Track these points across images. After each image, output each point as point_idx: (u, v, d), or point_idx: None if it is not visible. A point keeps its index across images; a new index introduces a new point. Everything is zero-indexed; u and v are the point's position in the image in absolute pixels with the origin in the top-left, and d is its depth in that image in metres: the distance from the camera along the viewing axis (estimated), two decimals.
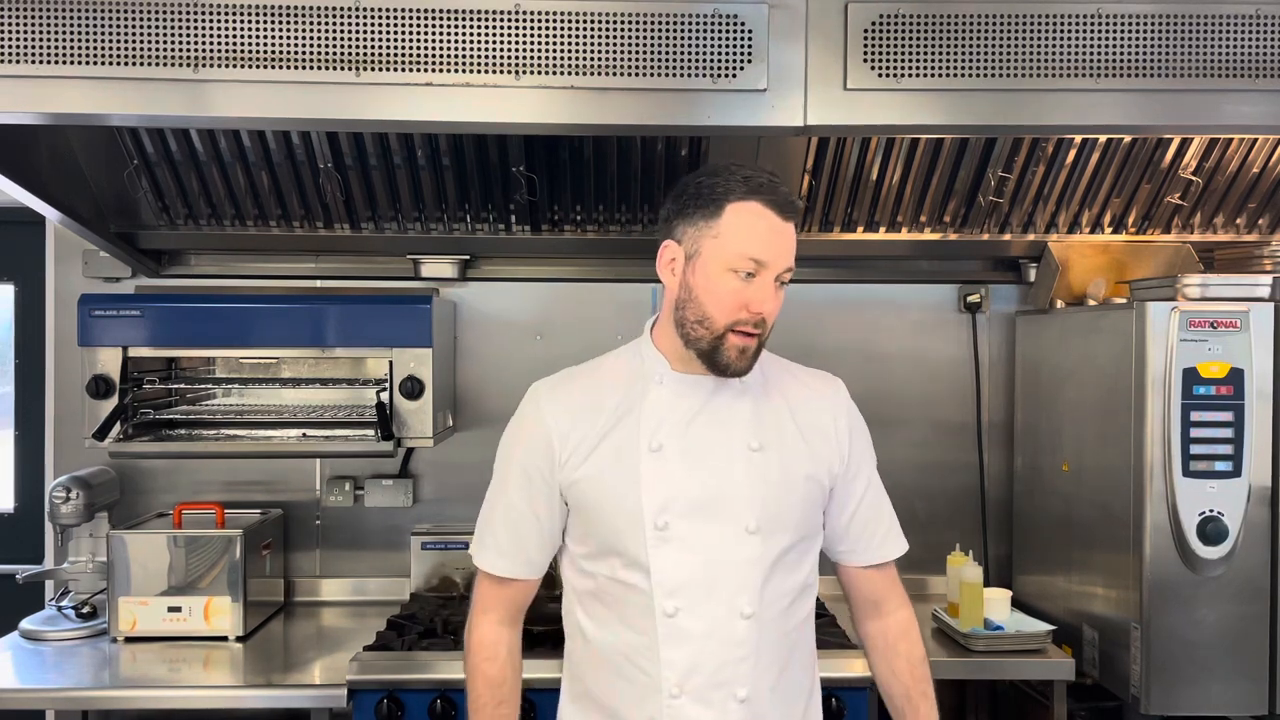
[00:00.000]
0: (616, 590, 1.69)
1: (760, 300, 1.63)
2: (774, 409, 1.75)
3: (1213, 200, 3.03)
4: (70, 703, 2.56)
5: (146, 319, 2.79)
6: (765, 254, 1.63)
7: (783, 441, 1.72)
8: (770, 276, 1.64)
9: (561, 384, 1.81)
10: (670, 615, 1.65)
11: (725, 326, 1.64)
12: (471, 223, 3.04)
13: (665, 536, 1.65)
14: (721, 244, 1.64)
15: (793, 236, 1.67)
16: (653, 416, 1.70)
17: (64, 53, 2.12)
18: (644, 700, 1.67)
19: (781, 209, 1.65)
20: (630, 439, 1.69)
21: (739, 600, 1.66)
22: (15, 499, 3.36)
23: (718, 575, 1.66)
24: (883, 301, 3.28)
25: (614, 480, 1.68)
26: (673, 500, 1.66)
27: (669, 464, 1.67)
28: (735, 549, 1.66)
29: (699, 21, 2.18)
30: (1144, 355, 2.43)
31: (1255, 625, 2.44)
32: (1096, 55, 2.22)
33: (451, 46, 2.16)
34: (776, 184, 1.66)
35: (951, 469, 3.28)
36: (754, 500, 1.67)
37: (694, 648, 1.65)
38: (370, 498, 3.21)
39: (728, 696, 1.66)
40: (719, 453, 1.69)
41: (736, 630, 1.66)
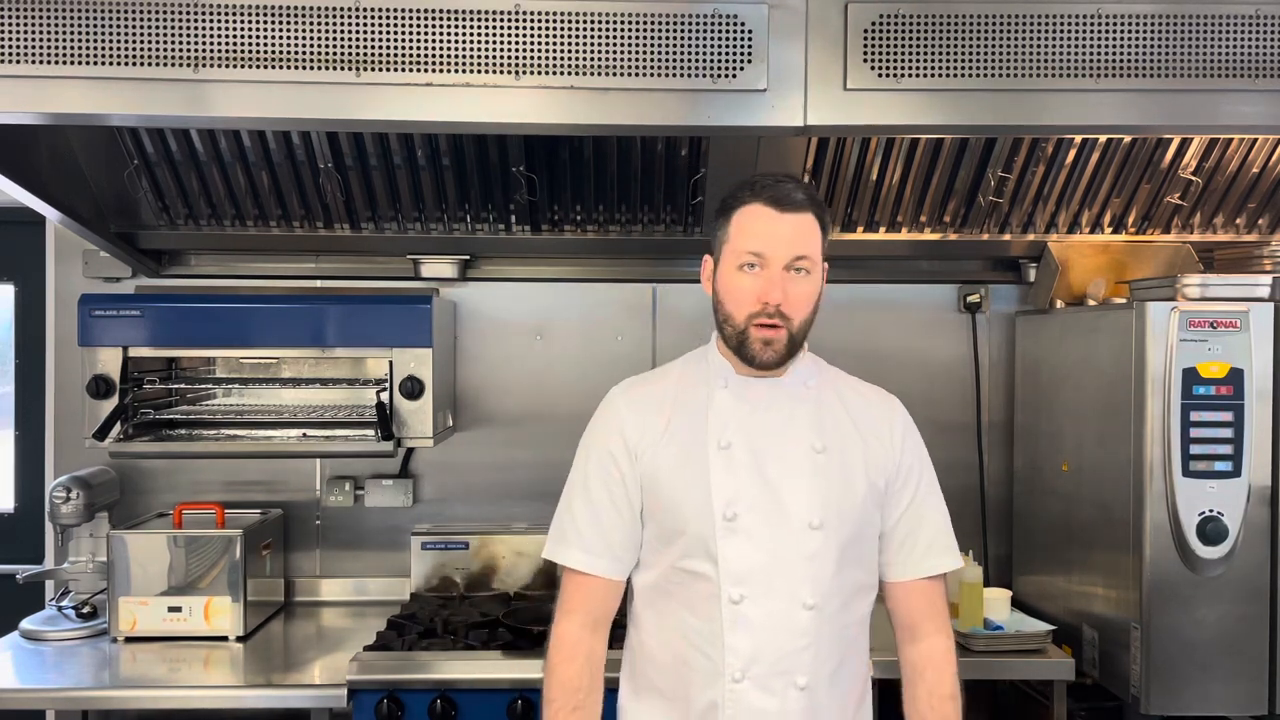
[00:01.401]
0: (683, 579, 1.75)
1: (766, 290, 1.70)
2: (834, 413, 1.82)
3: (1212, 200, 3.03)
4: (70, 703, 2.56)
5: (146, 319, 2.79)
6: (762, 246, 1.71)
7: (844, 444, 1.79)
8: (775, 267, 1.71)
9: (635, 385, 1.88)
10: (735, 602, 1.70)
11: (745, 320, 1.73)
12: (471, 223, 3.05)
13: (733, 528, 1.71)
14: (731, 246, 1.75)
15: (797, 226, 1.72)
16: (720, 416, 1.78)
17: (64, 53, 2.12)
18: (708, 685, 1.71)
19: (778, 203, 1.72)
20: (699, 437, 1.77)
21: (802, 591, 1.71)
22: (15, 499, 3.36)
23: (782, 567, 1.71)
24: (883, 301, 3.27)
25: (685, 474, 1.75)
26: (740, 494, 1.73)
27: (737, 461, 1.75)
28: (799, 543, 1.72)
29: (699, 21, 2.18)
30: (1144, 355, 2.43)
31: (1255, 625, 2.44)
32: (1096, 55, 2.22)
33: (451, 46, 2.16)
34: (782, 183, 1.74)
35: (951, 469, 3.26)
36: (816, 498, 1.74)
37: (757, 635, 1.70)
38: (370, 498, 3.21)
39: (789, 684, 1.70)
40: (784, 452, 1.76)
41: (799, 620, 1.71)
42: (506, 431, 3.20)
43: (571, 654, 1.77)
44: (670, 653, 1.76)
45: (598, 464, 1.81)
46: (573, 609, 1.80)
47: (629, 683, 1.86)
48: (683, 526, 1.74)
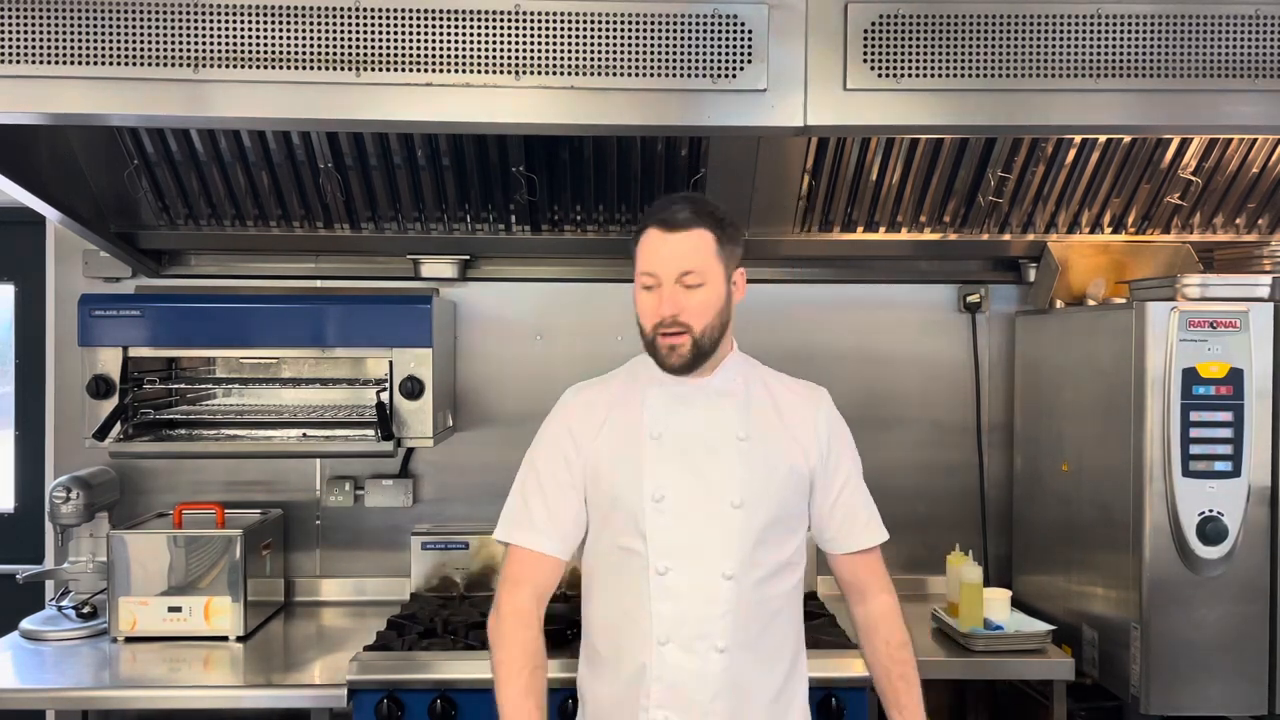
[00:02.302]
0: (619, 555, 1.93)
1: (659, 305, 1.88)
2: (760, 406, 1.98)
3: (1212, 200, 3.03)
4: (70, 703, 2.56)
5: (146, 319, 2.79)
6: (652, 266, 1.88)
7: (767, 433, 1.96)
8: (667, 283, 1.87)
9: (584, 389, 2.07)
10: (661, 574, 1.88)
11: (651, 331, 1.91)
12: (471, 223, 3.05)
13: (661, 508, 1.90)
14: (636, 269, 1.93)
15: (684, 244, 1.87)
16: (653, 411, 1.96)
17: (64, 53, 2.12)
18: (639, 649, 1.90)
19: (665, 225, 1.88)
20: (634, 429, 1.95)
21: (722, 564, 1.89)
22: (15, 499, 3.36)
23: (704, 542, 1.89)
24: (883, 301, 3.28)
25: (622, 461, 1.94)
26: (669, 479, 1.91)
27: (667, 449, 1.93)
28: (721, 520, 1.90)
29: (699, 21, 2.18)
30: (1143, 355, 2.44)
31: (1255, 625, 2.44)
32: (1096, 55, 2.22)
33: (451, 46, 2.16)
34: (673, 205, 1.90)
35: (951, 469, 3.28)
36: (738, 480, 1.91)
37: (680, 603, 1.88)
38: (370, 498, 3.21)
39: (709, 647, 1.88)
40: (709, 441, 1.94)
41: (718, 590, 1.88)
42: (506, 431, 3.19)
43: (528, 621, 1.92)
44: (609, 621, 1.96)
45: (546, 455, 2.00)
46: (520, 580, 1.95)
47: (584, 654, 2.04)
48: (618, 507, 1.93)
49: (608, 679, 1.95)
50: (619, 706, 1.92)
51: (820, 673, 2.46)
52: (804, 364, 3.24)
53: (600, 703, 1.97)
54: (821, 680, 2.45)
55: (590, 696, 1.99)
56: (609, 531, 1.95)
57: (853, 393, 3.31)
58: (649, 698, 1.88)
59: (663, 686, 1.87)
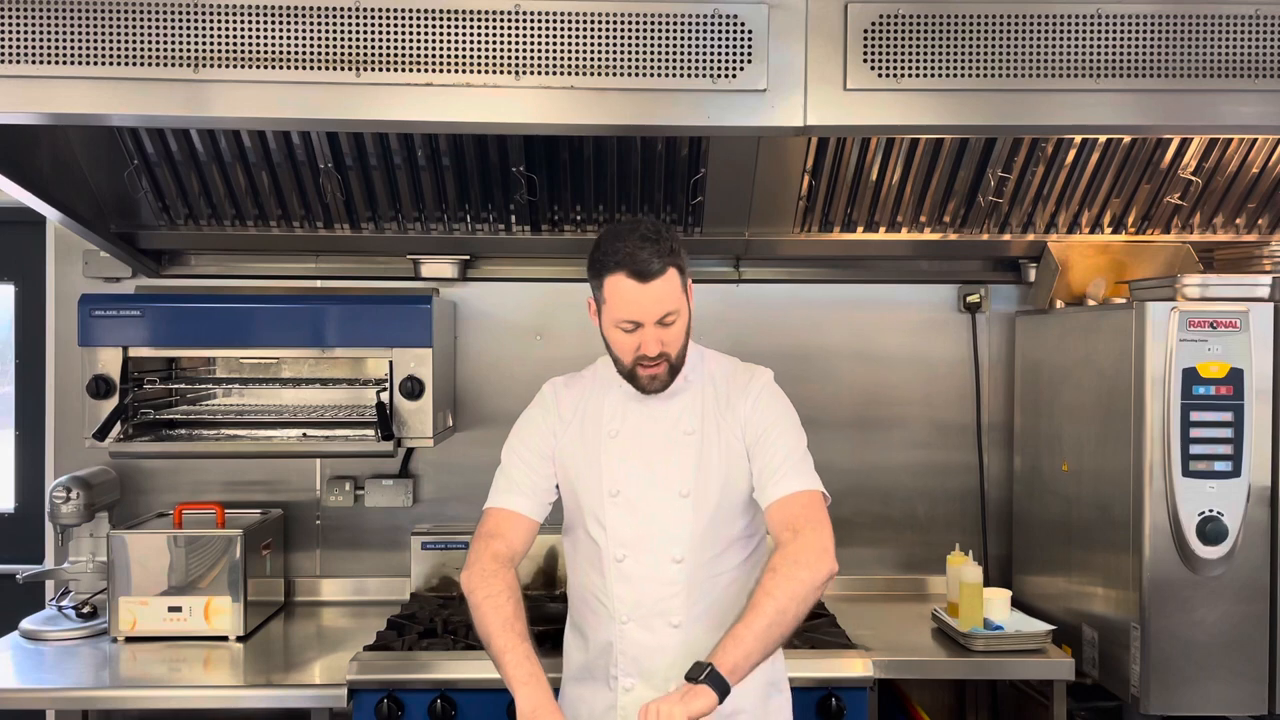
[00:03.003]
0: (585, 542, 2.11)
1: (644, 346, 1.98)
2: (705, 400, 2.11)
3: (1212, 200, 3.03)
4: (70, 703, 2.56)
5: (146, 319, 2.79)
6: (635, 314, 1.97)
7: (709, 426, 2.09)
8: (649, 325, 1.97)
9: (562, 382, 2.22)
10: (619, 560, 2.05)
11: (631, 364, 2.02)
12: (471, 223, 3.05)
13: (617, 501, 2.06)
14: (607, 309, 2.01)
15: (660, 290, 1.95)
16: (612, 410, 2.12)
17: (64, 53, 2.13)
18: (603, 626, 2.08)
19: (640, 275, 1.94)
20: (595, 426, 2.12)
21: (672, 549, 2.04)
22: (15, 499, 3.36)
23: (655, 531, 2.05)
24: (883, 301, 3.28)
25: (584, 457, 2.11)
26: (625, 474, 2.07)
27: (623, 446, 2.09)
28: (671, 510, 2.05)
29: (699, 21, 2.18)
30: (1144, 355, 2.44)
31: (1255, 625, 2.44)
32: (1096, 55, 2.22)
33: (451, 46, 2.16)
34: (639, 250, 1.93)
35: (951, 469, 3.28)
36: (685, 473, 2.06)
37: (636, 586, 2.05)
38: (370, 498, 3.21)
39: (664, 624, 2.04)
40: (661, 437, 2.09)
41: (668, 572, 2.04)
42: (507, 431, 3.15)
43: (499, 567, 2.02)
44: (581, 599, 2.14)
45: (526, 433, 2.16)
46: (494, 535, 2.07)
47: (569, 618, 2.20)
48: (581, 500, 2.10)
49: (583, 647, 2.13)
50: (593, 672, 2.10)
51: (820, 673, 2.46)
52: (804, 364, 3.27)
53: (577, 665, 2.15)
54: (821, 680, 2.45)
55: (571, 659, 2.18)
56: (578, 517, 2.12)
57: (852, 393, 3.33)
58: (616, 667, 2.06)
59: (627, 659, 2.05)
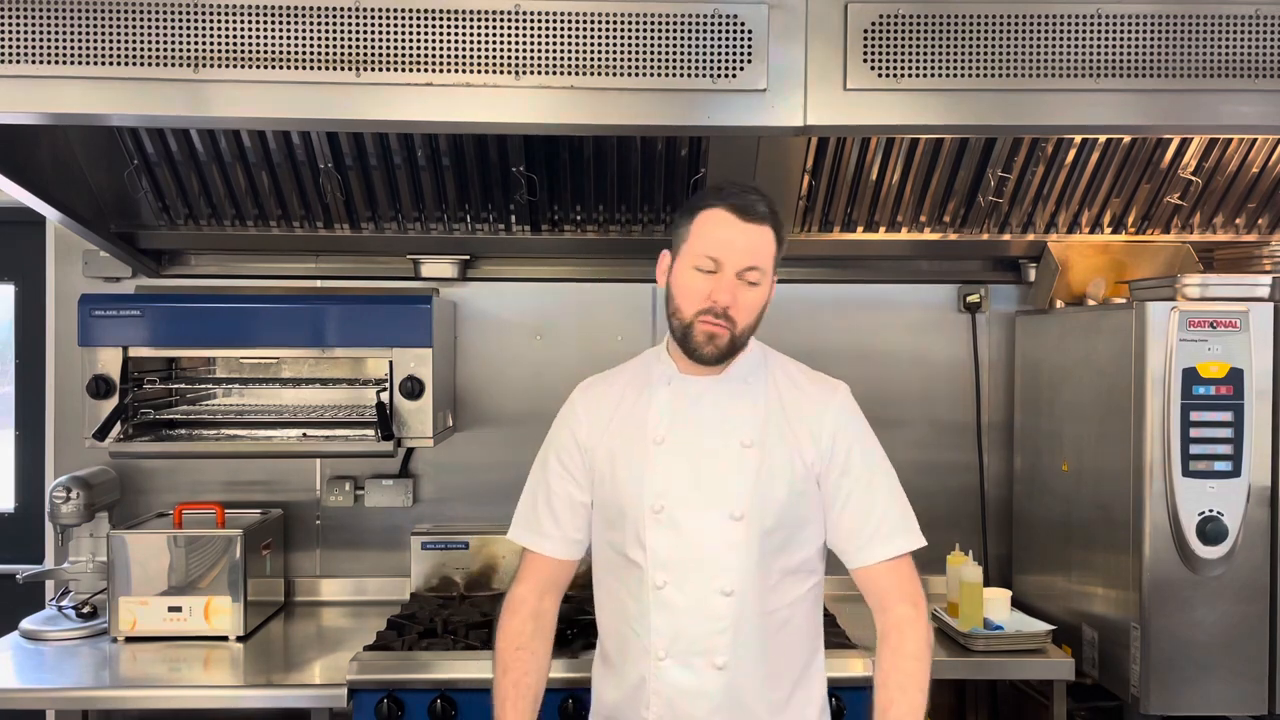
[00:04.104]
0: (621, 563, 1.89)
1: (716, 291, 1.79)
2: (769, 408, 1.89)
3: (1212, 200, 3.03)
4: (70, 703, 2.56)
5: (146, 319, 2.79)
6: (721, 252, 1.79)
7: (773, 439, 1.87)
8: (730, 273, 1.79)
9: (593, 385, 2.02)
10: (659, 588, 1.83)
11: (692, 315, 1.81)
12: (471, 223, 3.05)
13: (660, 519, 1.84)
14: (689, 246, 1.82)
15: (755, 238, 1.80)
16: (659, 412, 1.89)
17: (64, 53, 2.12)
18: (638, 660, 1.86)
19: (743, 212, 1.79)
20: (639, 431, 1.89)
21: (721, 579, 1.82)
22: (15, 499, 3.36)
23: (703, 556, 1.83)
24: (883, 301, 3.28)
25: (624, 468, 1.88)
26: (670, 487, 1.84)
27: (670, 455, 1.86)
28: (721, 533, 1.83)
29: (699, 21, 2.18)
30: (1144, 355, 2.44)
31: (1255, 625, 2.44)
32: (1096, 55, 2.22)
33: (451, 46, 2.16)
34: (747, 193, 1.81)
35: (951, 469, 3.28)
36: (741, 491, 1.83)
37: (678, 618, 1.83)
38: (370, 498, 3.21)
39: (707, 664, 1.82)
40: (714, 447, 1.86)
41: (716, 606, 1.82)
42: (506, 431, 3.20)
43: (517, 609, 1.94)
44: (613, 627, 1.93)
45: (555, 458, 1.97)
46: (525, 578, 1.98)
47: (598, 651, 2.01)
48: (620, 516, 1.88)
49: (614, 683, 1.92)
50: (623, 712, 1.90)
51: None
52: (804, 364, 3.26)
53: (607, 704, 1.95)
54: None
55: (600, 696, 1.99)
56: (613, 536, 1.91)
57: (853, 393, 3.32)
58: (649, 709, 1.85)
59: (661, 701, 1.84)
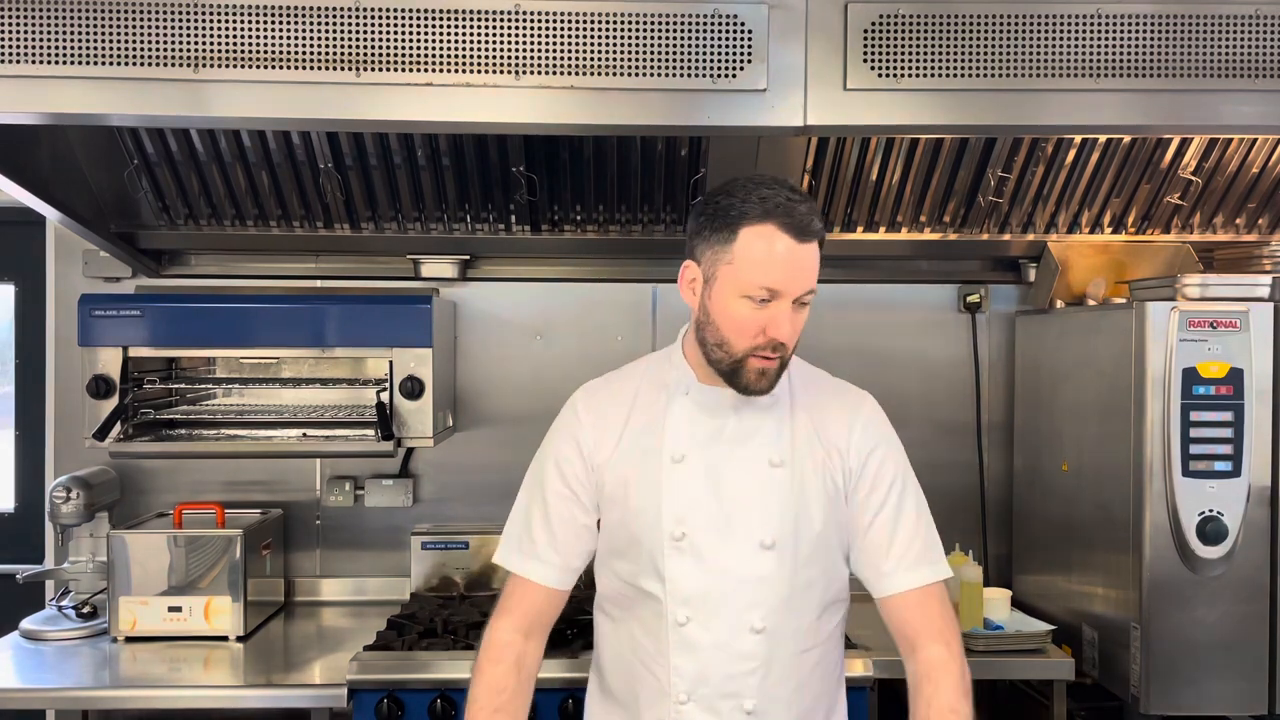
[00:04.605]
0: (633, 595, 1.71)
1: (777, 326, 1.60)
2: (798, 423, 1.72)
3: (1212, 200, 3.03)
4: (70, 703, 2.56)
5: (146, 319, 2.79)
6: (780, 282, 1.59)
7: (804, 457, 1.70)
8: (787, 302, 1.61)
9: (597, 389, 1.81)
10: (681, 624, 1.66)
11: (744, 352, 1.62)
12: (471, 223, 3.05)
13: (681, 547, 1.66)
14: (735, 271, 1.60)
15: (812, 258, 1.63)
16: (676, 426, 1.70)
17: (64, 53, 2.12)
18: (654, 703, 1.69)
19: (799, 232, 1.59)
20: (654, 447, 1.70)
21: (750, 615, 1.65)
22: (15, 499, 3.36)
23: (730, 589, 1.65)
24: (883, 301, 3.27)
25: (638, 487, 1.69)
26: (691, 512, 1.66)
27: (690, 475, 1.68)
28: (750, 564, 1.66)
29: (699, 21, 2.18)
30: (1144, 355, 2.43)
31: (1255, 625, 2.44)
32: (1096, 55, 2.22)
33: (451, 46, 2.16)
34: (795, 203, 1.60)
35: (951, 469, 3.28)
36: (770, 517, 1.67)
37: (703, 657, 1.66)
38: (370, 498, 3.20)
39: (735, 707, 1.66)
40: (739, 467, 1.68)
41: (746, 644, 1.66)
42: (506, 431, 3.19)
43: (500, 656, 1.73)
44: (623, 665, 1.74)
45: (556, 471, 1.76)
46: (510, 610, 1.76)
47: (595, 683, 1.84)
48: (633, 543, 1.69)
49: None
50: None
51: None
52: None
53: None
54: None
55: None
56: (624, 565, 1.72)
57: None
58: None
59: None
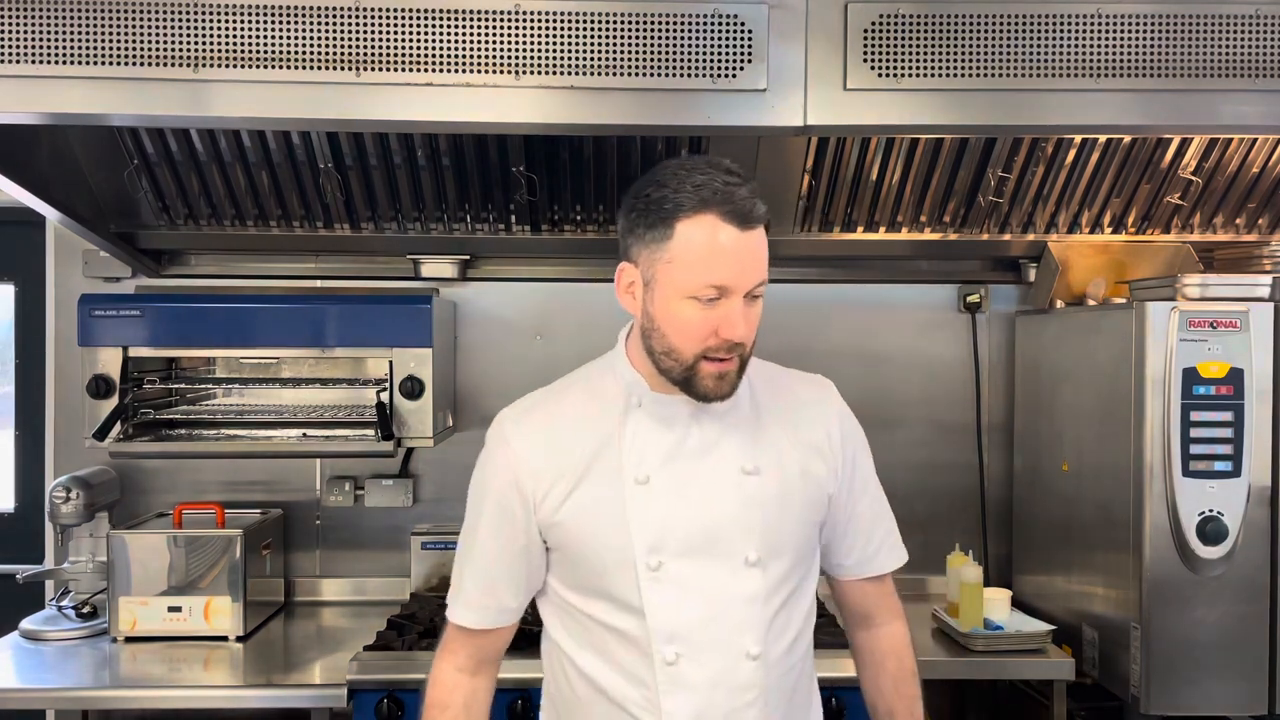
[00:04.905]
0: (606, 637, 1.54)
1: (728, 325, 1.44)
2: (766, 424, 1.59)
3: (1212, 200, 3.03)
4: (70, 703, 2.56)
5: (146, 319, 2.79)
6: (727, 277, 1.43)
7: (779, 460, 1.57)
8: (738, 298, 1.45)
9: (530, 412, 1.62)
10: (671, 663, 1.50)
11: (695, 356, 1.47)
12: (471, 223, 3.05)
13: (659, 577, 1.50)
14: (676, 270, 1.44)
15: (760, 246, 1.46)
16: (635, 445, 1.53)
17: (64, 53, 2.13)
18: None
19: (742, 219, 1.42)
20: (613, 470, 1.52)
21: (744, 641, 1.52)
22: (15, 499, 3.36)
23: (719, 615, 1.51)
24: (883, 301, 3.27)
25: (599, 518, 1.52)
26: (666, 536, 1.51)
27: (658, 496, 1.51)
28: (736, 585, 1.52)
29: (699, 21, 2.18)
30: (1144, 355, 2.43)
31: (1255, 625, 2.44)
32: (1096, 55, 2.22)
33: (451, 46, 2.16)
34: (734, 187, 1.43)
35: (951, 469, 3.28)
36: (752, 529, 1.52)
37: (698, 697, 1.50)
38: (370, 498, 3.20)
39: None
40: (711, 479, 1.53)
41: (743, 674, 1.52)
42: None
43: (447, 700, 1.60)
44: (598, 714, 1.56)
45: (489, 512, 1.59)
46: (454, 650, 1.63)
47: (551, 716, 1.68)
48: (601, 580, 1.52)
49: None
50: None
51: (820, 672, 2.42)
52: (804, 364, 3.22)
53: None
54: (821, 680, 2.43)
55: None
56: (589, 605, 1.55)
57: (853, 393, 3.26)
58: None
59: None
